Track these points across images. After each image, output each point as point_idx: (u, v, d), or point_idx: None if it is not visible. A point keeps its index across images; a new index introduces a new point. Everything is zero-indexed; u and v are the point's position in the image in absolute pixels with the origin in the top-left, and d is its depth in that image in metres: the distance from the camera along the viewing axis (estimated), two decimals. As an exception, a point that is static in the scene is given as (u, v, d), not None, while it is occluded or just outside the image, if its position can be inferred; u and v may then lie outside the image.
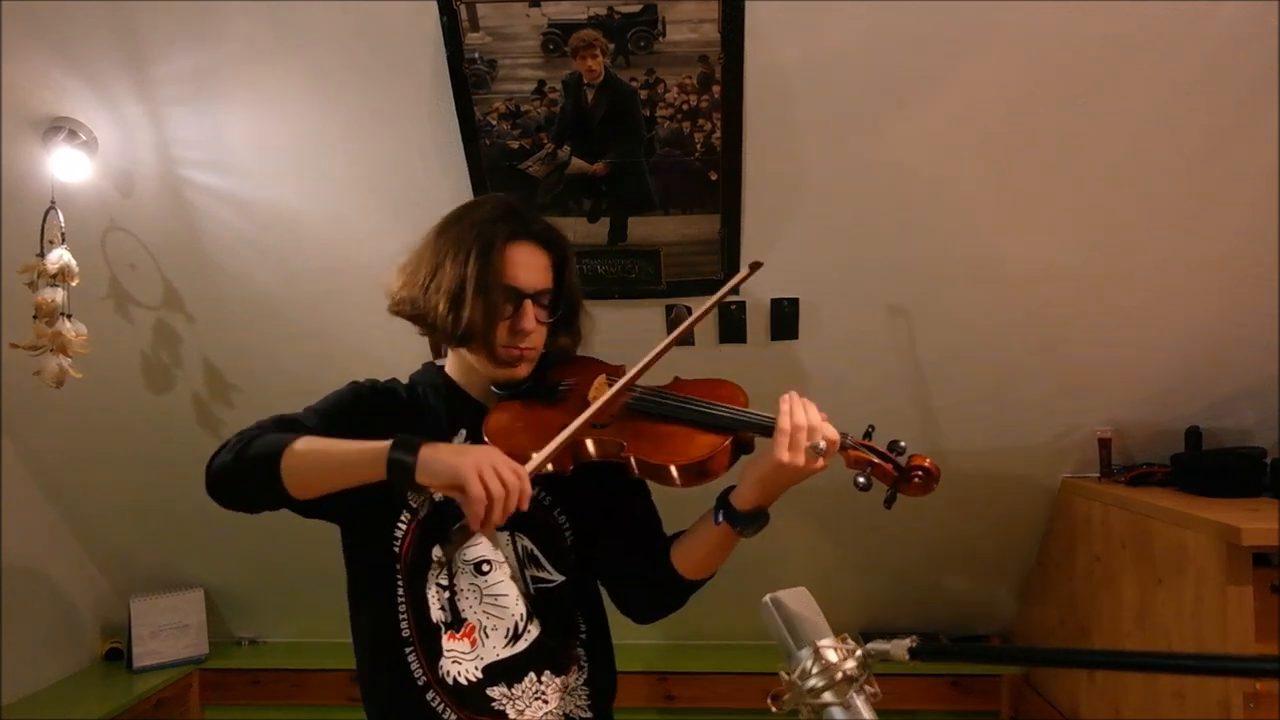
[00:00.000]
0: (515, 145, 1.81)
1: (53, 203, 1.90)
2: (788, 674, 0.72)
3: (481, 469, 1.05)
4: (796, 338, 2.08)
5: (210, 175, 1.92)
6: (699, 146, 1.80)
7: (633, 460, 1.20)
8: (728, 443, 1.19)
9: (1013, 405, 2.17)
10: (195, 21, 1.69)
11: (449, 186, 1.88)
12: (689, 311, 2.06)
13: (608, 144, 1.81)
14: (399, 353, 2.18)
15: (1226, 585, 1.59)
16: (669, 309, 2.06)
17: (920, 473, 1.19)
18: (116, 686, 2.51)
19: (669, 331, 2.08)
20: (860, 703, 0.70)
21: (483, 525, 1.06)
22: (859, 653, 0.72)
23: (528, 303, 1.27)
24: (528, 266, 1.27)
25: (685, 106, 1.75)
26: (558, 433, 1.18)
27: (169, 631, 2.67)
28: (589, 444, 1.23)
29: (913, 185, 1.85)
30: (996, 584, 2.54)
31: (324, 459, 1.14)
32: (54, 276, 1.88)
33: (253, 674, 2.68)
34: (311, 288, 2.11)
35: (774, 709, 0.72)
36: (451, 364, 1.37)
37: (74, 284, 1.92)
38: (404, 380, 1.40)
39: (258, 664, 2.71)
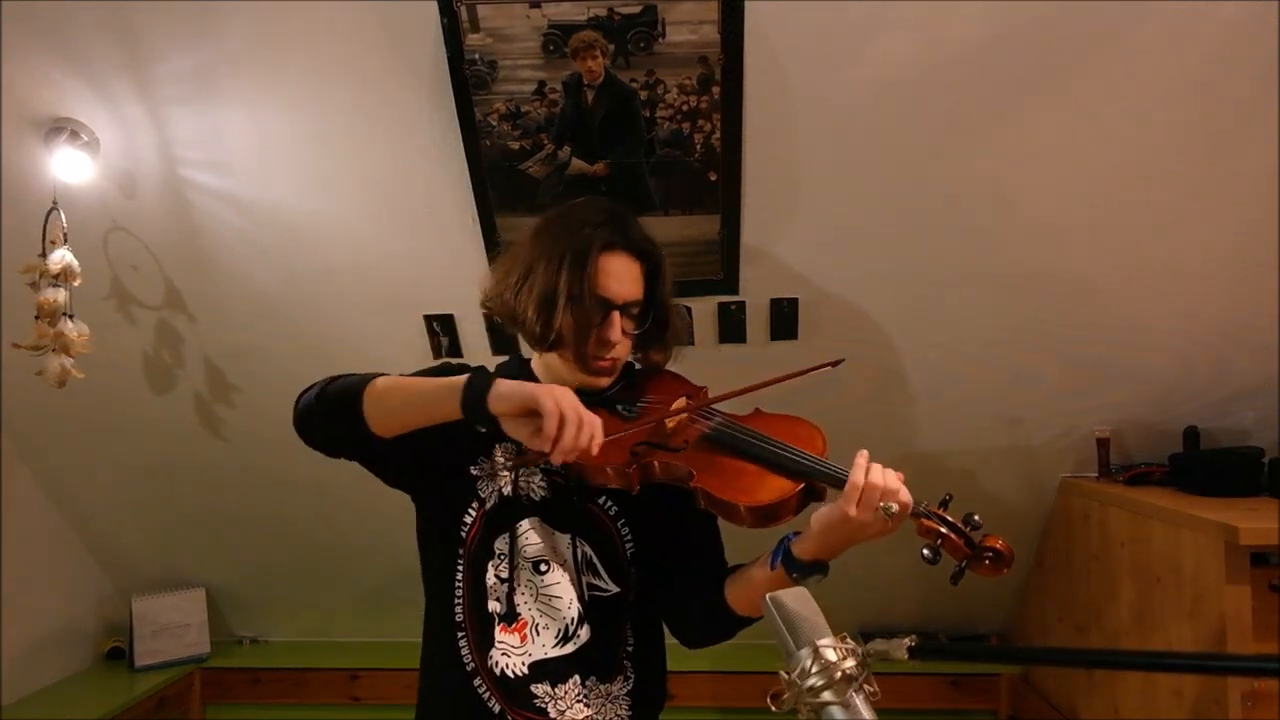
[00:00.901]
0: (516, 146, 1.82)
1: (55, 203, 1.90)
2: (787, 673, 0.73)
3: (556, 394, 1.06)
4: (796, 338, 2.09)
5: (211, 176, 1.93)
6: (699, 147, 1.80)
7: (700, 491, 1.18)
8: (799, 489, 1.16)
9: (1012, 405, 2.18)
10: (196, 22, 1.69)
11: (449, 187, 1.89)
12: (688, 312, 2.06)
13: (608, 145, 1.81)
14: (400, 352, 2.20)
15: (1224, 584, 1.60)
16: (669, 309, 2.06)
17: (990, 554, 1.15)
18: (118, 685, 2.52)
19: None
20: (859, 702, 0.70)
21: (554, 445, 1.04)
22: (858, 652, 0.72)
23: (616, 314, 1.25)
24: (620, 277, 1.26)
25: (685, 107, 1.76)
26: (629, 446, 1.19)
27: (170, 631, 2.68)
28: (657, 465, 1.21)
29: (912, 186, 1.85)
30: (995, 584, 2.54)
31: (404, 393, 1.15)
32: (56, 277, 1.89)
33: (254, 673, 2.69)
34: (312, 288, 2.11)
35: (774, 708, 0.73)
36: (538, 364, 1.36)
37: (76, 284, 1.92)
38: (490, 371, 1.40)
39: (259, 663, 2.72)
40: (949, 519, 1.16)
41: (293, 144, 1.87)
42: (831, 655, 0.72)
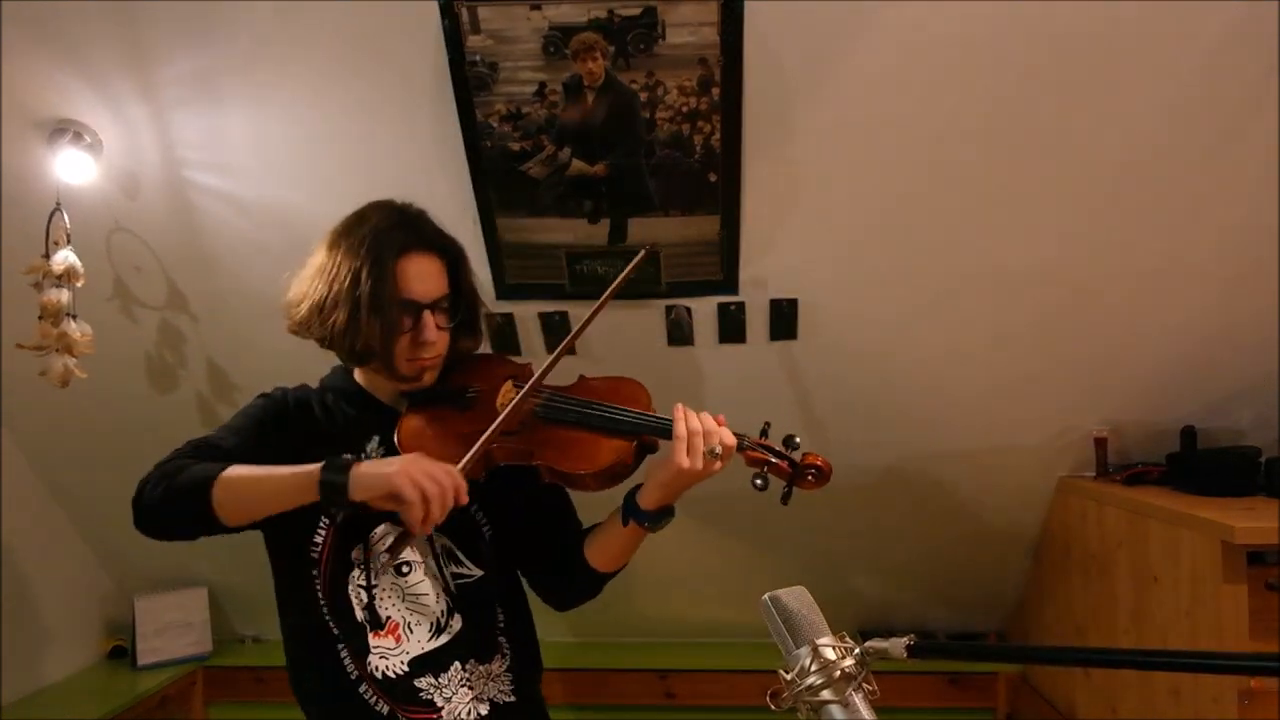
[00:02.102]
0: (516, 147, 1.82)
1: (58, 204, 1.91)
2: (786, 672, 0.73)
3: (412, 474, 1.08)
4: (795, 338, 2.09)
5: (214, 177, 1.93)
6: (698, 148, 1.81)
7: (543, 468, 1.25)
8: (633, 447, 1.24)
9: (1010, 404, 2.18)
10: (199, 23, 1.70)
11: (450, 188, 1.89)
12: (688, 312, 2.07)
13: (608, 146, 1.81)
14: (401, 353, 2.20)
15: (1222, 583, 1.60)
16: (669, 309, 2.07)
17: (812, 471, 1.24)
18: (120, 684, 2.53)
19: (668, 333, 2.10)
20: (859, 700, 0.71)
21: (423, 526, 1.10)
22: (857, 651, 0.72)
23: (427, 313, 1.27)
24: (423, 277, 1.28)
25: (685, 108, 1.76)
26: (469, 439, 1.22)
27: (173, 629, 2.69)
28: (497, 451, 1.26)
29: (911, 186, 1.85)
30: (994, 582, 2.55)
31: (255, 487, 1.16)
32: (59, 277, 1.89)
33: (256, 671, 2.70)
34: (314, 288, 2.11)
35: (773, 707, 0.73)
36: (360, 370, 1.38)
37: (79, 285, 1.93)
38: (314, 385, 1.42)
39: (261, 661, 2.72)
40: (770, 445, 1.25)
41: (294, 145, 1.88)
42: (830, 654, 0.72)
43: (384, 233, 1.27)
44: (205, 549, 2.74)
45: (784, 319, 2.06)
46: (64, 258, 1.90)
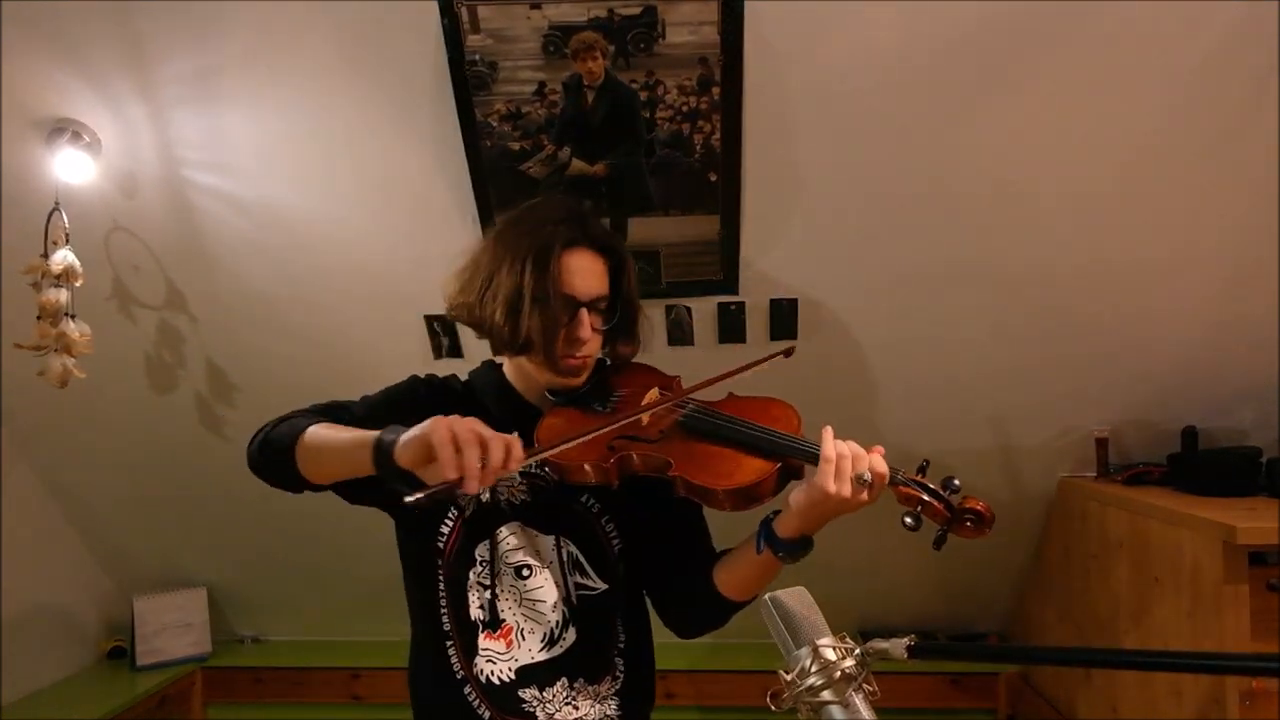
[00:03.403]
0: (516, 146, 1.82)
1: (57, 204, 1.91)
2: (787, 672, 0.73)
3: (452, 423, 0.99)
4: (796, 338, 2.09)
5: (212, 176, 1.93)
6: (698, 148, 1.80)
7: (679, 480, 1.18)
8: (775, 469, 1.16)
9: (1010, 405, 2.18)
10: (198, 23, 1.70)
11: (450, 187, 1.89)
12: (688, 312, 2.07)
13: (608, 145, 1.81)
14: (400, 351, 2.21)
15: (1223, 584, 1.60)
16: (669, 309, 2.07)
17: (971, 517, 1.15)
18: (120, 684, 2.53)
19: (668, 331, 2.10)
20: (859, 701, 0.71)
21: (455, 471, 0.96)
22: (857, 651, 0.72)
23: (583, 311, 1.24)
24: (584, 274, 1.25)
25: (685, 108, 1.76)
26: (605, 441, 1.18)
27: (172, 630, 2.69)
28: (635, 458, 1.21)
29: (911, 186, 1.85)
30: (994, 583, 2.55)
31: (327, 447, 1.13)
32: (58, 277, 1.89)
33: (255, 672, 2.70)
34: (313, 288, 2.12)
35: (773, 707, 0.73)
36: (509, 366, 1.35)
37: (78, 284, 1.93)
38: (463, 378, 1.39)
39: (260, 662, 2.72)
40: (927, 484, 1.17)
41: (293, 144, 1.88)
42: (831, 654, 0.72)
43: (552, 225, 1.24)
44: (205, 549, 2.75)
45: (784, 319, 2.06)
46: (63, 257, 1.90)
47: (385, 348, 2.21)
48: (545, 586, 1.27)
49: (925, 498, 1.15)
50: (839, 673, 0.71)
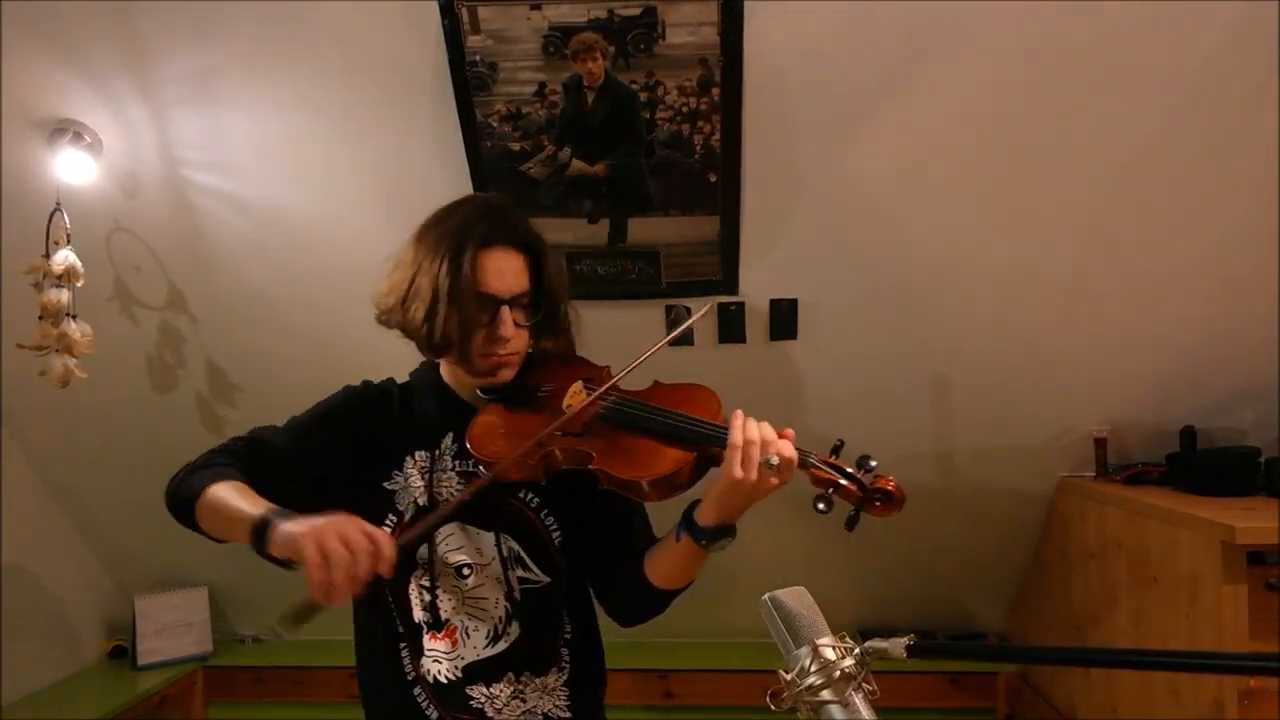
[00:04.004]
0: (516, 147, 1.82)
1: (58, 204, 1.91)
2: (786, 672, 0.73)
3: (321, 536, 1.02)
4: (795, 338, 2.09)
5: (213, 177, 1.93)
6: (698, 148, 1.81)
7: (601, 473, 1.19)
8: (692, 458, 1.17)
9: (1010, 405, 2.18)
10: (198, 23, 1.70)
11: (450, 188, 1.89)
12: (688, 312, 2.07)
13: (608, 146, 1.82)
14: (400, 351, 2.19)
15: (1221, 583, 1.60)
16: (669, 309, 2.07)
17: (880, 496, 1.14)
18: (121, 684, 2.53)
19: (668, 331, 2.10)
20: (859, 701, 0.71)
21: (324, 590, 1.01)
22: (857, 651, 0.72)
23: (504, 309, 1.25)
24: (501, 272, 1.26)
25: (685, 109, 1.76)
26: (532, 440, 1.19)
27: (173, 629, 2.69)
28: (559, 454, 1.22)
29: (912, 186, 1.86)
30: (994, 582, 2.55)
31: (219, 515, 1.17)
32: (59, 277, 1.89)
33: (256, 671, 2.70)
34: (313, 288, 2.12)
35: (773, 707, 0.73)
36: (444, 366, 1.37)
37: (79, 285, 1.93)
38: (404, 379, 1.41)
39: (261, 661, 2.72)
40: (839, 465, 1.16)
41: (294, 145, 1.88)
42: (830, 654, 0.72)
43: (467, 225, 1.25)
44: (205, 549, 2.74)
45: (784, 319, 2.06)
46: (64, 258, 1.90)
47: (385, 348, 2.19)
48: (486, 584, 1.29)
49: (837, 479, 1.14)
50: (838, 672, 0.71)
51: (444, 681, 1.27)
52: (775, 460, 1.10)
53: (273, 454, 1.25)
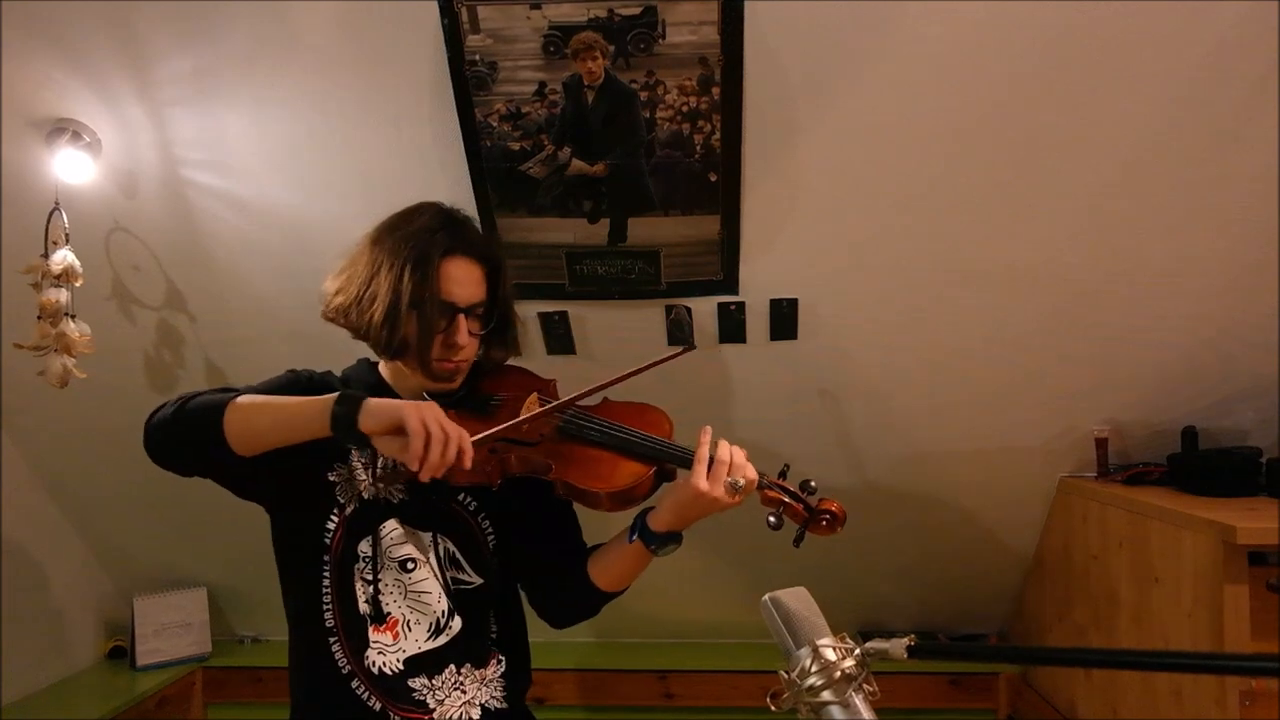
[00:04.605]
0: (516, 147, 1.82)
1: (56, 204, 1.91)
2: (787, 673, 0.73)
3: (422, 412, 1.09)
4: (795, 338, 2.09)
5: (212, 176, 1.93)
6: (699, 148, 1.80)
7: (559, 482, 1.25)
8: (651, 472, 1.26)
9: (1010, 405, 2.18)
10: (197, 23, 1.70)
11: (449, 187, 1.89)
12: (688, 312, 2.07)
13: (608, 145, 1.81)
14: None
15: (1223, 584, 1.60)
16: (669, 309, 2.07)
17: (827, 516, 1.25)
18: (119, 685, 2.52)
19: (668, 332, 2.10)
20: (859, 701, 0.71)
21: (422, 464, 1.08)
22: (857, 651, 0.72)
23: (461, 317, 1.29)
24: (463, 281, 1.30)
25: (685, 108, 1.76)
26: (488, 444, 1.23)
27: (172, 630, 2.68)
28: (515, 460, 1.27)
29: (913, 186, 1.85)
30: (994, 583, 2.55)
31: (269, 411, 1.17)
32: (58, 277, 1.89)
33: (255, 672, 2.69)
34: (313, 287, 2.09)
35: (773, 708, 0.73)
36: (385, 366, 1.39)
37: (78, 284, 1.93)
38: (337, 374, 1.43)
39: (260, 662, 2.72)
40: (788, 487, 1.27)
41: (293, 144, 1.88)
42: (831, 655, 0.72)
43: (431, 233, 1.29)
44: (205, 549, 2.75)
45: (784, 319, 2.06)
46: (62, 257, 1.90)
47: (385, 348, 2.20)
48: (429, 579, 1.31)
49: (786, 499, 1.26)
50: (839, 673, 0.71)
51: (388, 673, 1.29)
52: (740, 483, 1.21)
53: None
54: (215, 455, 1.17)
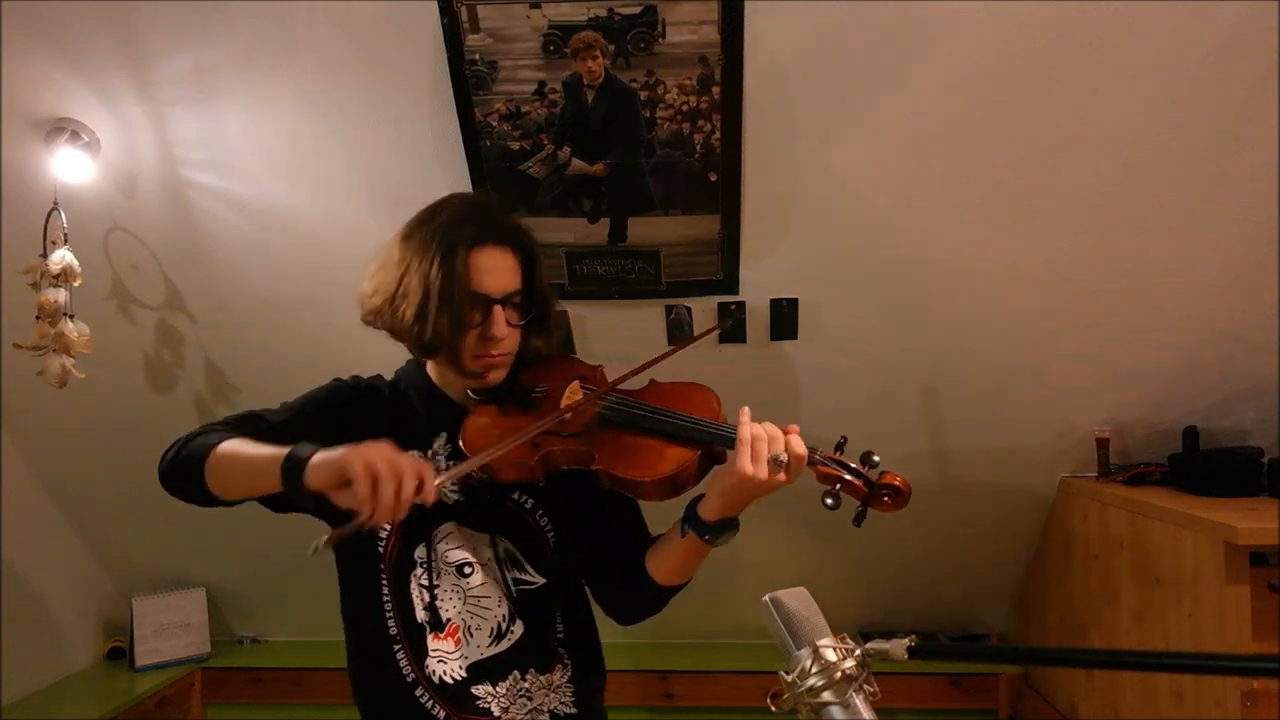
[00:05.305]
0: (515, 146, 1.82)
1: (55, 203, 1.90)
2: (787, 673, 0.73)
3: (366, 455, 0.98)
4: (796, 338, 2.09)
5: (212, 176, 1.93)
6: (699, 147, 1.80)
7: (603, 473, 1.19)
8: (696, 456, 1.18)
9: (1011, 405, 2.18)
10: (197, 22, 1.70)
11: (449, 187, 1.87)
12: (688, 312, 2.06)
13: (608, 145, 1.81)
14: (398, 351, 2.19)
15: (1224, 584, 1.60)
16: (669, 309, 2.07)
17: (888, 492, 1.15)
18: (118, 685, 2.52)
19: (668, 332, 2.10)
20: (859, 702, 0.70)
21: (370, 507, 0.97)
22: (858, 652, 0.72)
23: (497, 308, 1.23)
24: (494, 271, 1.24)
25: (685, 107, 1.76)
26: (529, 440, 1.18)
27: (171, 630, 2.68)
28: (559, 453, 1.22)
29: (913, 186, 1.85)
30: (995, 583, 2.55)
31: (236, 465, 1.12)
32: (57, 277, 1.89)
33: (254, 672, 2.69)
34: (313, 287, 2.11)
35: (773, 708, 0.73)
36: (432, 365, 1.36)
37: (77, 284, 1.93)
38: (388, 377, 1.39)
39: (259, 662, 2.72)
40: (845, 461, 1.17)
41: (293, 144, 1.87)
42: (831, 655, 0.72)
43: (457, 224, 1.23)
44: (204, 549, 2.75)
45: (784, 319, 2.06)
46: (61, 257, 1.90)
47: (384, 348, 2.19)
48: (487, 583, 1.27)
49: (844, 475, 1.15)
50: (839, 673, 0.71)
51: (450, 681, 1.25)
52: (784, 458, 1.11)
53: (268, 430, 1.21)
54: (208, 498, 1.16)
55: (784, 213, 1.90)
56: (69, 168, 1.85)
